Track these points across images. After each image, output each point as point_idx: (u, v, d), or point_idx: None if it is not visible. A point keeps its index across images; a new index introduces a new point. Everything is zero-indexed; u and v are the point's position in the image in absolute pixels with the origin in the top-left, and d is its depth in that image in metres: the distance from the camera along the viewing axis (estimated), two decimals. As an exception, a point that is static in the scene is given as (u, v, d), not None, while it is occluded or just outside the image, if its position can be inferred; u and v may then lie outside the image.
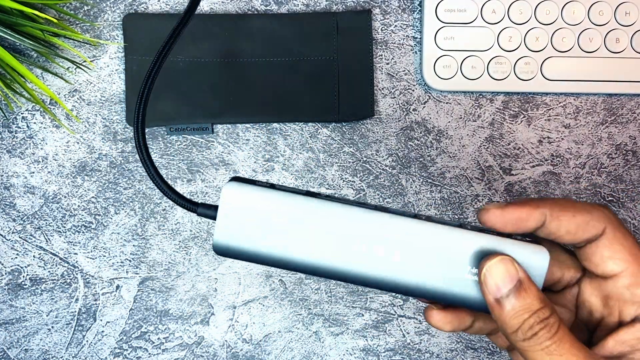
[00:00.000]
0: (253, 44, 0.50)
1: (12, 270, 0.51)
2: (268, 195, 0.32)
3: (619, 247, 0.30)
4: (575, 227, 0.30)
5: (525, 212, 0.31)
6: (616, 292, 0.31)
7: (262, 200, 0.32)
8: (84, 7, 0.50)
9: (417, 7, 0.51)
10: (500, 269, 0.29)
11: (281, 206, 0.32)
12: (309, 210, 0.32)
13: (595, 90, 0.51)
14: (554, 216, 0.31)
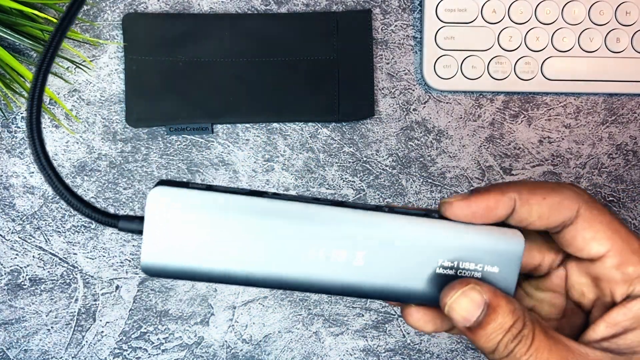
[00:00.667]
0: (253, 44, 0.50)
1: (12, 270, 0.51)
2: (204, 199, 0.27)
3: (598, 226, 0.28)
4: (547, 210, 0.28)
5: (492, 200, 0.28)
6: (605, 273, 0.29)
7: (197, 205, 0.27)
8: (84, 7, 0.50)
9: (417, 7, 0.51)
10: (464, 302, 0.28)
11: (221, 211, 0.27)
12: (254, 213, 0.27)
13: (596, 90, 0.51)
14: (524, 200, 0.28)
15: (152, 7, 0.51)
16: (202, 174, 0.51)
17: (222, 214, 0.27)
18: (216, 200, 0.27)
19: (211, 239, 0.27)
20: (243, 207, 0.27)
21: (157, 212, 0.27)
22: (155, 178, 0.51)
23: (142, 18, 0.50)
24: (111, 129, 0.51)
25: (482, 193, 0.28)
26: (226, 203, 0.27)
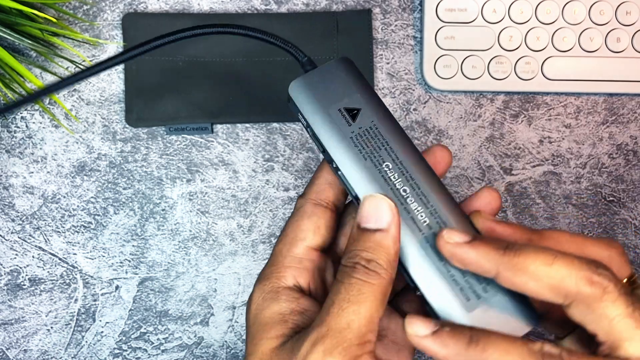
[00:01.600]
0: (253, 44, 0.50)
1: (11, 270, 0.51)
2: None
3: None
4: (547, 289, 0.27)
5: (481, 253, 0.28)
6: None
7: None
8: (83, 7, 0.50)
9: (417, 7, 0.51)
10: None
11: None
12: None
13: (596, 89, 0.51)
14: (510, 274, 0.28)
15: (152, 7, 0.50)
16: (202, 174, 0.51)
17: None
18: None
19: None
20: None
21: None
22: (154, 178, 0.51)
23: (142, 18, 0.50)
24: (111, 128, 0.50)
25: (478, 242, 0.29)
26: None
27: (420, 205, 0.30)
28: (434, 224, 0.30)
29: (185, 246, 0.51)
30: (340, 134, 0.31)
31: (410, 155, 0.31)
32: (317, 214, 0.33)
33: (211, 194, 0.51)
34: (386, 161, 0.31)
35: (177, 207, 0.51)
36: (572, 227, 0.52)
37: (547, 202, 0.52)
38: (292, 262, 0.32)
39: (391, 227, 0.29)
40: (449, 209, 0.30)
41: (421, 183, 0.31)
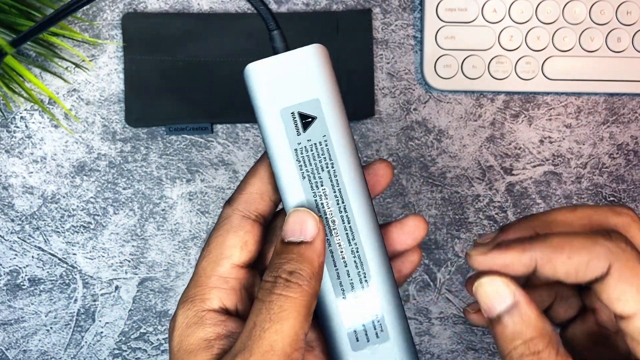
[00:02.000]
0: (253, 44, 0.50)
1: (11, 270, 0.51)
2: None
3: (626, 287, 0.27)
4: (573, 269, 0.27)
5: (510, 258, 0.28)
6: (631, 332, 0.27)
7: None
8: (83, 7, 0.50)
9: (417, 6, 0.51)
10: (490, 287, 0.28)
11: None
12: None
13: (597, 89, 0.51)
14: (546, 260, 0.28)
15: (151, 7, 0.50)
16: (201, 174, 0.51)
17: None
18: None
19: None
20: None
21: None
22: (154, 178, 0.51)
23: (142, 17, 0.50)
24: (110, 128, 0.50)
25: (502, 249, 0.28)
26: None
27: (344, 240, 0.29)
28: (350, 261, 0.29)
29: (185, 246, 0.51)
30: (285, 141, 0.29)
31: (352, 183, 0.29)
32: (245, 228, 0.31)
33: (211, 194, 0.51)
34: (325, 185, 0.29)
35: (177, 207, 0.51)
36: (572, 227, 0.52)
37: (547, 202, 0.52)
38: (217, 282, 0.30)
39: (316, 240, 0.28)
40: (373, 250, 0.29)
41: (353, 217, 0.29)
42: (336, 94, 0.30)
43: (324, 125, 0.29)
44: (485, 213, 0.52)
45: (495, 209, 0.52)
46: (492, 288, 0.28)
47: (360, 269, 0.29)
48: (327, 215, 0.29)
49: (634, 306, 0.27)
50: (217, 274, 0.30)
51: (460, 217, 0.51)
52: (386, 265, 0.30)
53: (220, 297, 0.30)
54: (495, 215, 0.52)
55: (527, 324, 0.27)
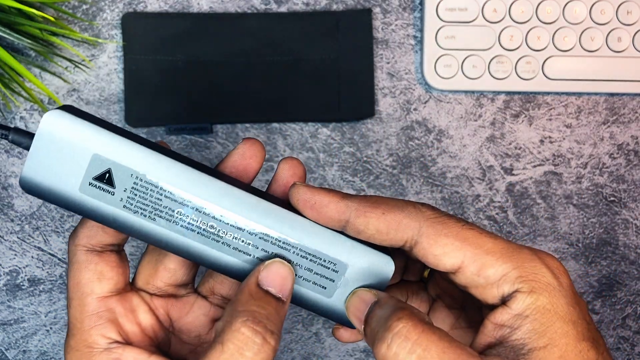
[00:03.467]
0: (253, 44, 0.50)
1: (11, 270, 0.51)
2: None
3: (444, 240, 0.28)
4: (385, 226, 0.28)
5: (327, 199, 0.28)
6: (469, 282, 0.28)
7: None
8: (83, 6, 0.50)
9: (417, 6, 0.51)
10: (354, 301, 0.29)
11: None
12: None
13: (597, 89, 0.50)
14: (361, 211, 0.28)
15: (151, 7, 0.50)
16: (201, 174, 0.51)
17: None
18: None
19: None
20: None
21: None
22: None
23: (142, 17, 0.50)
24: (110, 128, 0.50)
25: (326, 191, 0.29)
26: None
27: (236, 232, 0.29)
28: (257, 241, 0.29)
29: (185, 246, 0.51)
30: (110, 209, 0.28)
31: (196, 184, 0.28)
32: (94, 261, 0.30)
33: (211, 194, 0.51)
34: (175, 208, 0.28)
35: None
36: (573, 227, 0.52)
37: (547, 202, 0.52)
38: (91, 322, 0.29)
39: (288, 300, 0.28)
40: (263, 213, 0.29)
41: (225, 210, 0.28)
42: (108, 133, 0.27)
43: (122, 168, 0.27)
44: (485, 213, 0.51)
45: (496, 209, 0.52)
46: (357, 298, 0.29)
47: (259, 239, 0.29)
48: (203, 227, 0.28)
49: (458, 255, 0.27)
50: (88, 314, 0.29)
51: (461, 217, 0.51)
52: (286, 210, 0.29)
53: (103, 334, 0.29)
54: (495, 216, 0.52)
55: (385, 307, 0.27)
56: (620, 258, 0.52)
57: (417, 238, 0.28)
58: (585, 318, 0.27)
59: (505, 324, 0.27)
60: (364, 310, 0.28)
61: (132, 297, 0.31)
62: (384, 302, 0.28)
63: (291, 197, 0.29)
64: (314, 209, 0.28)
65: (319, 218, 0.29)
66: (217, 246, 0.29)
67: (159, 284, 0.32)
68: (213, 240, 0.29)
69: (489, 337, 0.27)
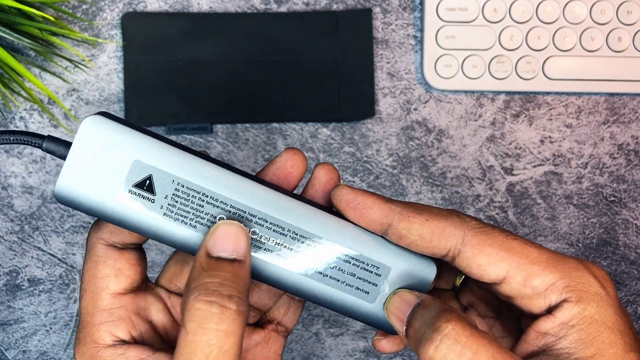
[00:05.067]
0: (253, 44, 0.50)
1: (10, 271, 0.50)
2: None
3: (489, 250, 0.27)
4: (428, 232, 0.27)
5: (370, 200, 0.28)
6: (515, 292, 0.27)
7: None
8: (83, 6, 0.50)
9: (417, 6, 0.51)
10: (396, 300, 0.28)
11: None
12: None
13: (598, 89, 0.50)
14: (404, 216, 0.27)
15: (151, 7, 0.50)
16: (201, 174, 0.51)
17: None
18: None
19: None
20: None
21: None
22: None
23: (142, 17, 0.50)
24: (110, 128, 0.50)
25: (370, 193, 0.28)
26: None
27: (279, 237, 0.28)
28: (300, 246, 0.28)
29: (185, 246, 0.51)
30: (150, 218, 0.27)
31: (239, 189, 0.27)
32: (113, 257, 0.29)
33: (211, 194, 0.51)
34: (218, 214, 0.27)
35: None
36: (573, 227, 0.52)
37: (548, 203, 0.52)
38: (102, 317, 0.29)
39: (247, 258, 0.26)
40: (306, 217, 0.28)
41: (265, 210, 0.28)
42: (147, 139, 0.27)
43: (162, 174, 0.27)
44: (485, 213, 0.51)
45: (496, 209, 0.51)
46: (398, 298, 0.28)
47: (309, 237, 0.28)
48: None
49: (503, 265, 0.27)
50: (100, 309, 0.29)
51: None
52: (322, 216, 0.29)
53: (110, 331, 0.29)
54: (495, 216, 0.51)
55: (430, 309, 0.26)
56: (621, 258, 0.52)
57: (460, 247, 0.27)
58: (631, 328, 0.27)
59: (549, 332, 0.27)
60: (406, 311, 0.27)
61: (147, 295, 0.31)
62: (428, 303, 0.27)
63: (334, 197, 0.28)
64: (357, 210, 0.28)
65: (361, 220, 0.28)
66: (258, 252, 0.28)
67: (181, 284, 0.32)
68: (255, 247, 0.28)
69: (532, 346, 0.27)
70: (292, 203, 0.28)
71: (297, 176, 0.30)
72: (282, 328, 0.33)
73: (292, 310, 0.33)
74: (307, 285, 0.29)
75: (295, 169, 0.30)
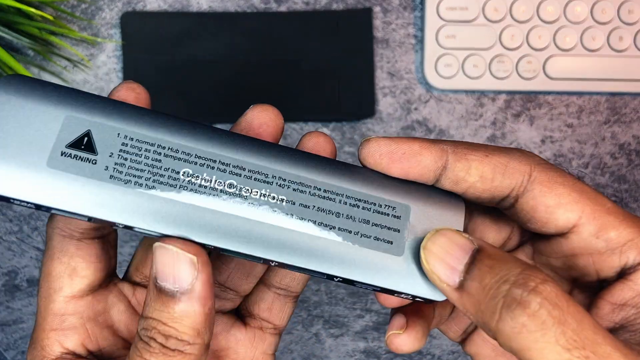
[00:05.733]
0: (252, 43, 0.50)
1: (9, 271, 0.50)
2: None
3: (561, 189, 0.22)
4: (490, 169, 0.22)
5: (417, 145, 0.22)
6: (583, 246, 0.22)
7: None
8: (82, 5, 0.50)
9: (418, 5, 0.51)
10: (442, 242, 0.21)
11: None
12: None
13: (599, 89, 0.50)
14: (460, 154, 0.22)
15: (150, 6, 0.50)
16: (201, 174, 0.50)
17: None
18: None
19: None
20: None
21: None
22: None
23: (141, 16, 0.50)
24: (109, 128, 0.50)
25: (409, 138, 0.23)
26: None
27: (263, 185, 0.22)
28: (291, 194, 0.22)
29: (185, 247, 0.51)
30: (94, 183, 0.21)
31: (202, 134, 0.22)
32: (68, 253, 0.24)
33: (210, 194, 0.51)
34: (181, 168, 0.21)
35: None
36: (574, 227, 0.51)
37: (549, 202, 0.51)
38: (53, 323, 0.24)
39: (196, 285, 0.21)
40: (288, 159, 0.22)
41: (239, 157, 0.22)
42: (79, 93, 0.22)
43: (107, 128, 0.21)
44: (486, 213, 0.51)
45: (497, 209, 0.51)
46: (445, 240, 0.21)
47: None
48: (218, 187, 0.22)
49: (576, 211, 0.22)
50: (52, 313, 0.25)
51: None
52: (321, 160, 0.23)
53: (60, 341, 0.24)
54: (496, 216, 0.51)
55: (504, 261, 0.20)
56: (622, 258, 0.52)
57: (526, 185, 0.22)
58: None
59: (629, 303, 0.22)
60: (460, 257, 0.21)
61: (109, 295, 0.26)
62: (494, 252, 0.20)
63: (368, 155, 0.23)
64: (403, 161, 0.22)
65: (411, 171, 0.23)
66: (241, 209, 0.22)
67: (148, 272, 0.27)
68: (235, 203, 0.22)
69: (606, 321, 0.22)
70: (271, 146, 0.23)
71: (268, 139, 0.24)
72: (268, 325, 0.28)
73: (278, 304, 0.28)
74: (311, 248, 0.22)
75: (265, 129, 0.24)
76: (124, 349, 0.26)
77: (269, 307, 0.28)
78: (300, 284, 0.28)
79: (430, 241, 0.22)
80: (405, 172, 0.23)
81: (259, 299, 0.28)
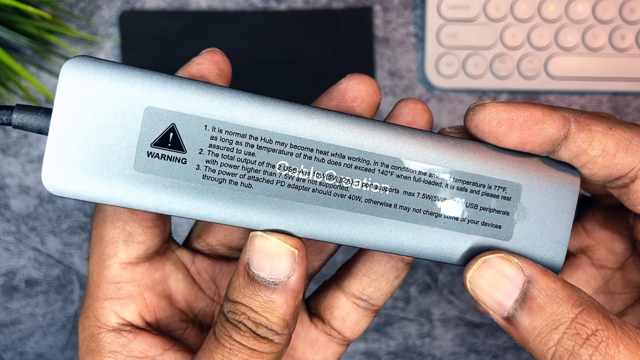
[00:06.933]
0: (252, 42, 0.50)
1: (7, 272, 0.50)
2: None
3: None
4: (614, 144, 0.20)
5: (540, 112, 0.20)
6: None
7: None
8: (80, 4, 0.50)
9: (419, 4, 0.51)
10: (489, 275, 0.20)
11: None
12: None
13: (601, 88, 0.50)
14: (583, 124, 0.20)
15: (149, 5, 0.50)
16: (200, 174, 0.50)
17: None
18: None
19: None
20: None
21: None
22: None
23: (140, 15, 0.49)
24: (108, 128, 0.50)
25: (528, 104, 0.21)
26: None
27: (364, 174, 0.20)
28: (394, 182, 0.21)
29: (184, 247, 0.50)
30: (188, 185, 0.20)
31: (293, 116, 0.20)
32: (123, 216, 0.23)
33: (210, 194, 0.50)
34: (277, 161, 0.20)
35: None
36: (576, 227, 0.51)
37: (550, 203, 0.51)
38: (108, 291, 0.23)
39: (292, 277, 0.21)
40: (388, 141, 0.21)
41: (339, 142, 0.20)
42: (155, 77, 0.20)
43: (192, 120, 0.20)
44: (487, 213, 0.51)
45: (498, 209, 0.51)
46: (489, 275, 0.20)
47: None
48: (317, 179, 0.20)
49: None
50: (106, 280, 0.23)
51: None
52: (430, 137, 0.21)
53: (116, 310, 0.23)
54: (497, 216, 0.51)
55: (558, 303, 0.19)
56: (624, 259, 0.52)
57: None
58: None
59: None
60: (510, 293, 0.20)
61: (166, 262, 0.25)
62: (547, 289, 0.19)
63: (481, 123, 0.21)
64: (524, 130, 0.20)
65: (532, 140, 0.20)
66: (341, 204, 0.20)
67: (211, 240, 0.26)
68: (336, 196, 0.20)
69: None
70: (366, 125, 0.21)
71: (361, 114, 0.22)
72: (337, 335, 0.27)
73: (355, 316, 0.26)
74: (419, 239, 0.21)
75: (359, 104, 0.23)
76: (181, 321, 0.25)
77: (343, 317, 0.26)
78: (383, 295, 0.25)
79: (477, 274, 0.20)
80: (524, 142, 0.20)
81: (333, 305, 0.26)
